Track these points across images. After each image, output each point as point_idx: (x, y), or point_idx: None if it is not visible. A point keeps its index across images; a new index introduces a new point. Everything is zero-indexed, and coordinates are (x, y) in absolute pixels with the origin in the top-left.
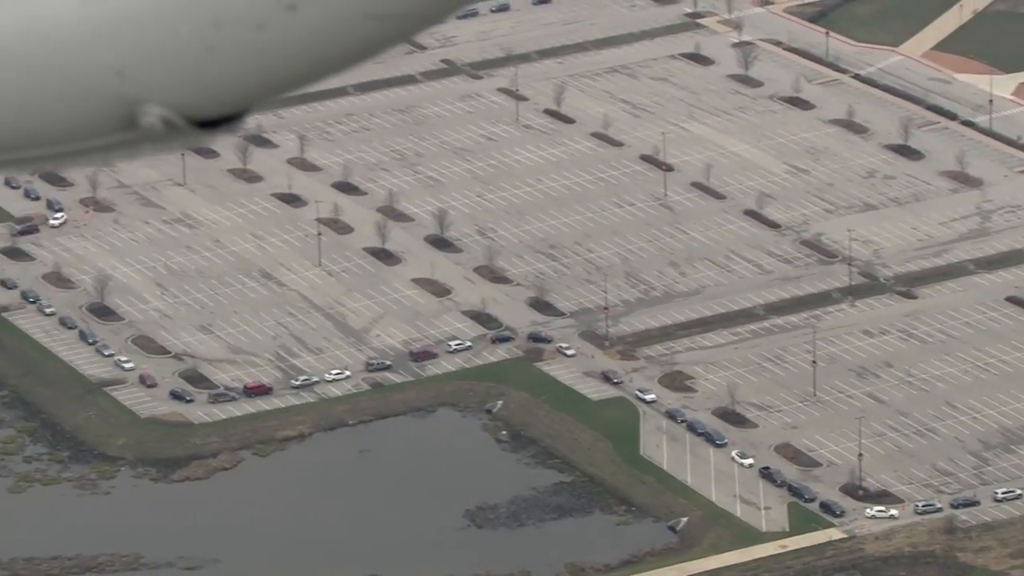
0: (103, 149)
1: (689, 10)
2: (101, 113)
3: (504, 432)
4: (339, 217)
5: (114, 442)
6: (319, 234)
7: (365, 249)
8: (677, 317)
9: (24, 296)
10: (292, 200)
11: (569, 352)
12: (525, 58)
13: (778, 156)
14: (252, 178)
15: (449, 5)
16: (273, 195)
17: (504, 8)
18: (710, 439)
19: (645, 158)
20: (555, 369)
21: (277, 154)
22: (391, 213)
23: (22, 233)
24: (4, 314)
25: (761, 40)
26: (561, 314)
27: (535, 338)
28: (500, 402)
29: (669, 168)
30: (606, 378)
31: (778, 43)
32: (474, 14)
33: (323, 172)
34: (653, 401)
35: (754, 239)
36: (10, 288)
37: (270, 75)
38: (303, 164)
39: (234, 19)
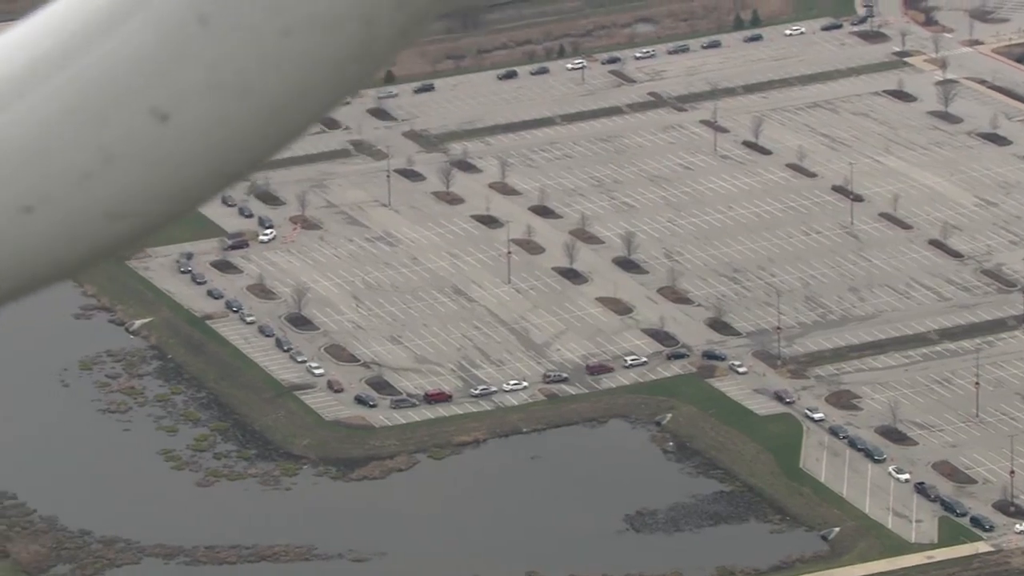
0: None
1: (897, 49)
2: None
3: (671, 443)
4: (532, 238)
5: (299, 442)
6: (509, 252)
7: (554, 269)
8: (851, 340)
9: (228, 305)
10: (490, 222)
11: (741, 370)
12: (730, 92)
13: (969, 189)
14: (454, 200)
15: (193, 200)
16: (472, 217)
17: (715, 45)
18: (869, 454)
19: (836, 189)
20: (726, 385)
21: (479, 178)
22: (582, 235)
23: (232, 247)
24: (208, 322)
25: (966, 78)
26: (737, 334)
27: (709, 356)
28: (669, 415)
29: (858, 198)
30: (777, 396)
31: (982, 81)
32: (684, 50)
33: (522, 196)
34: (821, 420)
35: (936, 268)
36: (216, 298)
37: (8, 276)
38: (504, 188)
39: None
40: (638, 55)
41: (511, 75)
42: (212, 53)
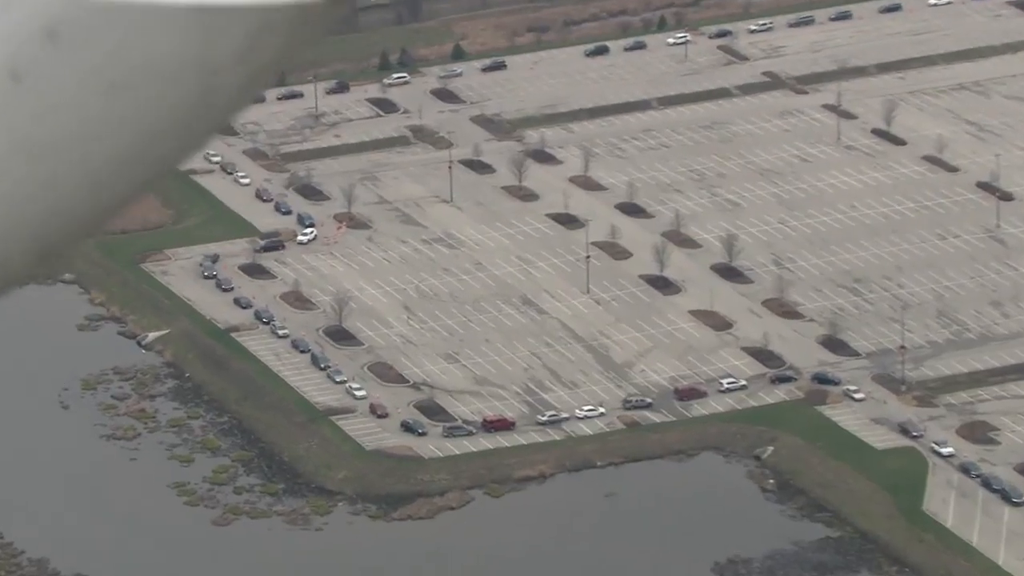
0: None
1: None
2: None
3: (772, 481)
4: (617, 241)
5: (334, 475)
6: (588, 257)
7: (642, 276)
8: (990, 362)
9: (258, 316)
10: (568, 221)
11: (858, 396)
12: (861, 71)
13: None
14: (527, 196)
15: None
16: (548, 215)
17: (845, 16)
18: (1006, 496)
19: (982, 185)
20: (839, 414)
21: (558, 171)
22: (676, 238)
23: (265, 249)
24: (234, 334)
25: None
26: (855, 354)
27: (820, 379)
28: (771, 448)
29: (1007, 197)
30: (900, 427)
31: None
32: (809, 22)
33: (608, 191)
34: (951, 455)
35: None
36: (244, 307)
37: None
38: (586, 183)
39: None
40: (753, 28)
41: (602, 51)
42: (26, 111)
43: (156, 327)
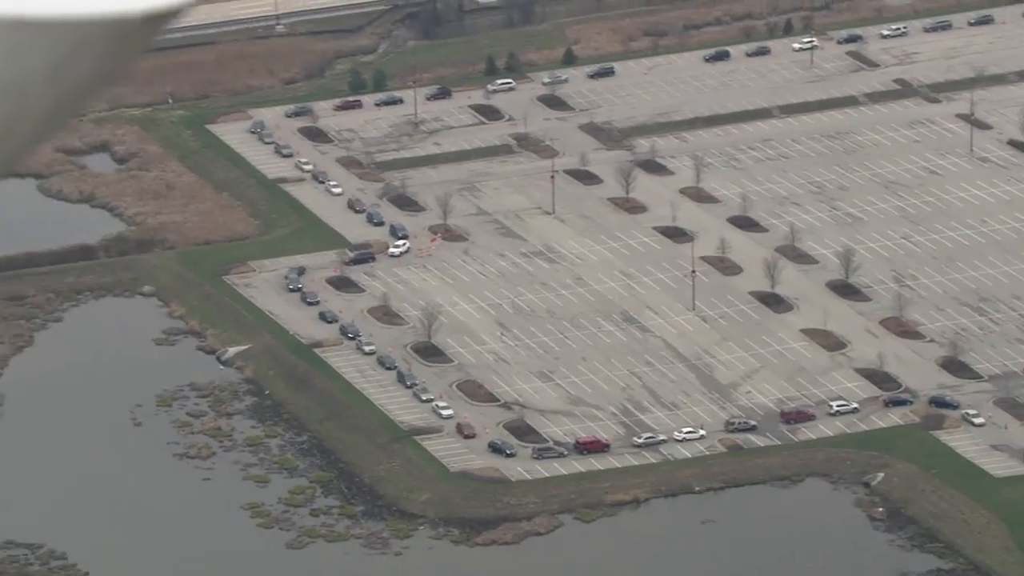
0: None
1: None
2: None
3: (880, 509)
4: (727, 255)
5: (416, 498)
6: (694, 272)
7: (752, 293)
8: None
9: (343, 331)
10: (675, 235)
11: (977, 420)
12: (999, 79)
13: None
14: (635, 208)
15: None
16: (656, 228)
17: (986, 20)
18: None
19: None
20: (956, 440)
21: (669, 182)
22: (790, 253)
23: (354, 261)
24: (317, 350)
25: None
26: (978, 377)
27: (938, 403)
28: (881, 474)
29: None
30: (1022, 455)
31: None
32: (947, 27)
33: (720, 204)
34: None
35: None
36: (329, 322)
37: None
38: (698, 194)
39: None
40: (885, 33)
41: (722, 56)
42: None
43: (236, 342)
